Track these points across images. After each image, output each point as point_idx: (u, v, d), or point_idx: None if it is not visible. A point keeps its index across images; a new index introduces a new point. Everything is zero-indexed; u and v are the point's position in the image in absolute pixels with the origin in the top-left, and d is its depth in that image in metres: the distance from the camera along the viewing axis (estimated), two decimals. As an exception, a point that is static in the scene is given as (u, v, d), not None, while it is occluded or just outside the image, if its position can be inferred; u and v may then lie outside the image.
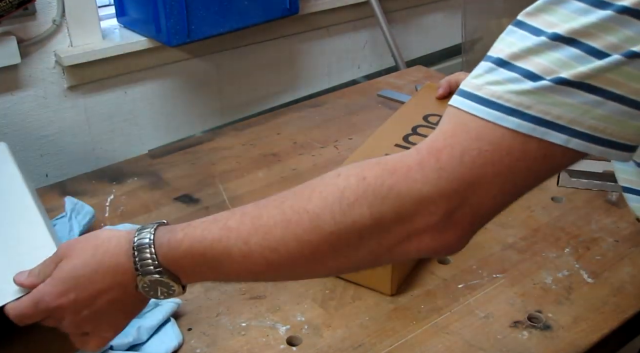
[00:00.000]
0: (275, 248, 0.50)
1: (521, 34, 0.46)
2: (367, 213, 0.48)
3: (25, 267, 0.66)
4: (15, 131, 1.51)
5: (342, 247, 0.49)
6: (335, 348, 0.72)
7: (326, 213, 0.48)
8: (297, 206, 0.50)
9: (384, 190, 0.47)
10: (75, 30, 1.51)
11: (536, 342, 0.73)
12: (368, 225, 0.48)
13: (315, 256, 0.50)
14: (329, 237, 0.49)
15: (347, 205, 0.48)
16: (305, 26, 1.93)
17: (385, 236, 0.49)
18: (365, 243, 0.49)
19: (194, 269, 0.55)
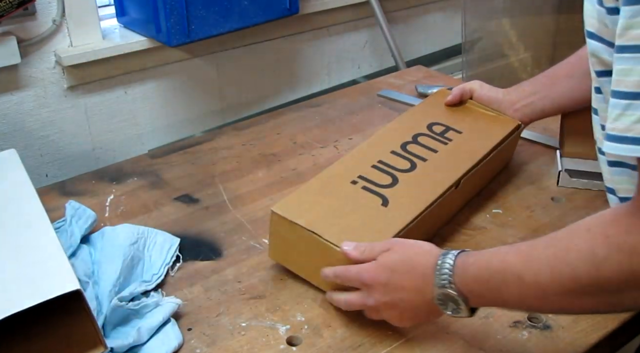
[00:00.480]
0: (544, 289, 0.58)
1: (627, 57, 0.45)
2: (618, 269, 0.53)
3: (35, 275, 0.67)
4: (15, 131, 1.51)
5: (602, 294, 0.55)
6: (335, 348, 0.72)
7: (583, 268, 0.54)
8: (560, 255, 0.57)
9: (628, 249, 0.52)
10: (75, 30, 1.50)
11: (536, 342, 0.73)
12: (623, 279, 0.53)
13: (579, 300, 0.56)
14: (589, 289, 0.55)
15: (600, 262, 0.53)
16: (305, 26, 1.93)
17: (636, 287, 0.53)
18: (624, 293, 0.54)
19: (479, 293, 0.63)
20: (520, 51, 2.28)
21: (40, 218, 0.79)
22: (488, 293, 0.63)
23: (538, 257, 0.59)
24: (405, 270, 0.68)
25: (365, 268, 0.70)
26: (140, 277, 0.81)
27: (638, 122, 0.45)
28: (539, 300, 0.59)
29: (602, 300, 0.56)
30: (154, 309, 0.76)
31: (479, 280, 0.63)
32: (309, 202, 0.82)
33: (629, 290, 0.53)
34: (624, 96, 0.45)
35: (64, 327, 0.71)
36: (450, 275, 0.64)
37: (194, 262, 0.87)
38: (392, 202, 0.83)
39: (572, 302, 0.57)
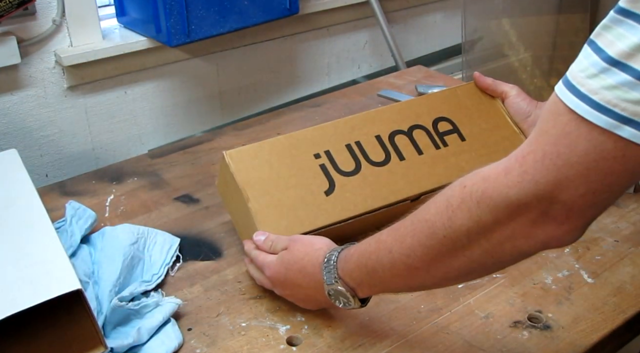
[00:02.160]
0: (408, 254, 0.59)
1: (630, 24, 0.44)
2: (468, 216, 0.54)
3: (36, 276, 0.68)
4: (15, 131, 1.51)
5: (457, 248, 0.56)
6: (335, 348, 0.72)
7: (438, 220, 0.56)
8: (421, 216, 0.58)
9: (479, 195, 0.53)
10: (75, 30, 1.51)
11: (536, 342, 0.73)
12: (472, 226, 0.54)
13: (438, 258, 0.57)
14: (444, 240, 0.56)
15: (452, 212, 0.55)
16: (305, 26, 1.93)
17: (490, 235, 0.54)
18: (474, 243, 0.55)
19: (362, 280, 0.65)
20: (520, 51, 2.28)
21: (41, 218, 0.79)
22: (368, 277, 0.64)
23: (404, 225, 0.60)
24: (297, 269, 0.71)
25: (267, 263, 0.75)
26: (140, 277, 0.81)
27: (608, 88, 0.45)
28: (408, 271, 0.60)
29: (459, 257, 0.56)
30: (154, 309, 0.76)
31: (360, 266, 0.64)
32: (261, 159, 0.82)
33: (478, 240, 0.54)
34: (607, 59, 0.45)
35: (64, 327, 0.71)
36: (335, 269, 0.66)
37: (194, 262, 0.87)
38: (336, 193, 0.80)
39: (430, 264, 0.58)
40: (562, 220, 0.51)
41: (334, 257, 0.67)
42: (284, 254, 0.74)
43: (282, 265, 0.73)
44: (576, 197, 0.49)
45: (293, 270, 0.72)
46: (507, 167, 0.52)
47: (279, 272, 0.74)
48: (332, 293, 0.68)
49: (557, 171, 0.48)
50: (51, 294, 0.64)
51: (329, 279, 0.67)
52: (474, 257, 0.56)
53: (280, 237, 0.76)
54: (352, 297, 0.66)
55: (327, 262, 0.68)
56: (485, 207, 0.52)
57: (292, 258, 0.72)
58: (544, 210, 0.50)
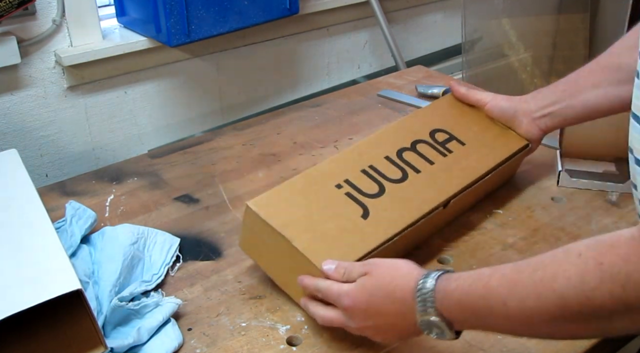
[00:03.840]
0: (530, 315, 0.55)
1: None
2: (609, 299, 0.50)
3: (36, 275, 0.68)
4: (15, 131, 1.51)
5: (592, 321, 0.52)
6: (335, 348, 0.72)
7: (572, 296, 0.52)
8: (546, 282, 0.54)
9: (622, 279, 0.49)
10: (75, 30, 1.50)
11: (536, 342, 0.73)
12: (615, 308, 0.50)
13: (568, 327, 0.54)
14: (578, 316, 0.52)
15: (590, 290, 0.50)
16: (305, 26, 1.93)
17: (636, 317, 0.50)
18: (616, 320, 0.51)
19: (463, 318, 0.61)
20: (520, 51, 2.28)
21: (41, 218, 0.79)
22: (473, 319, 0.61)
23: (523, 283, 0.56)
24: (383, 294, 0.66)
25: (346, 291, 0.68)
26: (140, 277, 0.81)
27: None
28: (526, 326, 0.57)
29: (592, 326, 0.53)
30: (154, 309, 0.76)
31: (462, 306, 0.60)
32: (288, 201, 0.79)
33: (620, 316, 0.51)
34: None
35: (64, 327, 0.71)
36: (432, 301, 0.62)
37: (194, 262, 0.87)
38: (372, 215, 0.80)
39: (560, 328, 0.55)
40: None
41: (430, 286, 0.62)
42: (365, 280, 0.68)
43: (365, 291, 0.67)
44: None
45: (378, 296, 0.66)
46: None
47: (360, 299, 0.67)
48: (424, 323, 0.63)
49: None
50: (51, 294, 0.64)
51: (422, 308, 0.62)
52: (614, 327, 0.53)
53: (355, 264, 0.71)
54: (448, 329, 0.62)
55: (420, 289, 0.62)
56: (632, 291, 0.49)
57: (377, 283, 0.67)
58: None
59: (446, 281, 0.62)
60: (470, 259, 0.86)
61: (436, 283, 0.62)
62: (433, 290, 0.62)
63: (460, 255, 0.87)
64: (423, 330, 0.64)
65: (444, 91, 1.32)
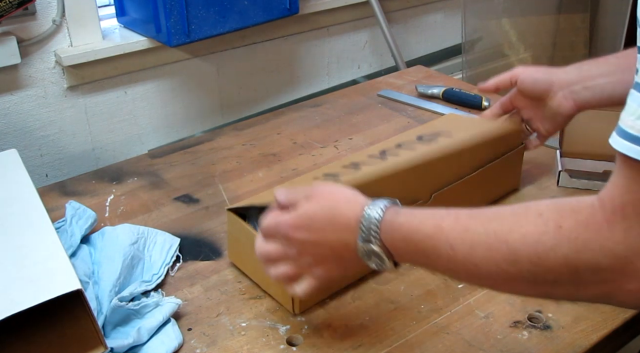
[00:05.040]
0: (476, 264, 0.54)
1: None
2: (563, 263, 0.49)
3: (36, 275, 0.67)
4: (15, 131, 1.51)
5: (539, 283, 0.52)
6: (335, 348, 0.72)
7: (524, 253, 0.51)
8: (500, 234, 0.52)
9: (579, 245, 0.48)
10: (75, 30, 1.51)
11: (536, 342, 0.73)
12: (564, 273, 0.49)
13: (511, 283, 0.53)
14: (526, 274, 0.51)
15: (544, 251, 0.50)
16: (305, 26, 1.93)
17: (583, 287, 0.50)
18: (560, 287, 0.51)
19: (406, 253, 0.60)
20: (520, 51, 2.28)
21: (41, 218, 0.79)
22: (416, 256, 0.59)
23: (476, 230, 0.54)
24: (326, 221, 0.62)
25: (285, 219, 0.64)
26: (140, 277, 0.81)
27: None
28: (469, 274, 0.55)
29: (535, 287, 0.52)
30: (154, 309, 0.76)
31: (408, 242, 0.58)
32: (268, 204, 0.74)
33: (566, 284, 0.50)
34: None
35: (64, 327, 0.71)
36: (377, 232, 0.59)
37: (194, 262, 0.87)
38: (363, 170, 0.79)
39: (503, 282, 0.54)
40: None
41: (376, 215, 0.60)
42: (307, 205, 0.64)
43: (306, 217, 0.63)
44: None
45: (320, 222, 0.62)
46: (608, 219, 0.47)
47: (299, 226, 0.63)
48: (365, 252, 0.61)
49: None
50: (51, 294, 0.64)
51: (365, 237, 0.60)
52: (553, 294, 0.53)
53: (299, 189, 0.66)
54: (387, 259, 0.60)
55: (365, 217, 0.60)
56: (585, 259, 0.48)
57: (319, 208, 0.63)
58: None
59: (394, 214, 0.60)
60: (470, 259, 0.86)
61: (383, 214, 0.60)
62: (379, 221, 0.60)
63: (460, 255, 0.87)
64: (363, 259, 0.62)
65: (444, 91, 1.32)
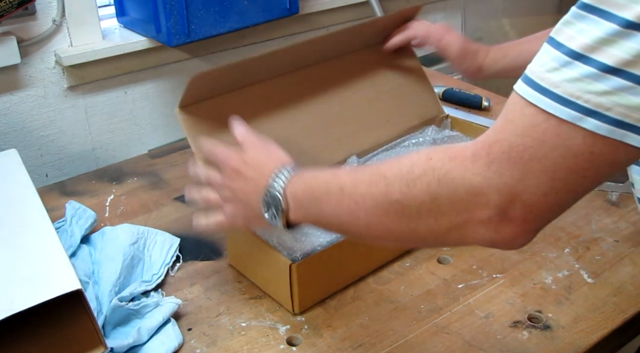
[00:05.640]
0: (357, 201, 0.57)
1: (593, 19, 0.44)
2: (426, 190, 0.51)
3: (36, 276, 0.68)
4: (15, 131, 1.51)
5: (405, 216, 0.54)
6: (335, 348, 0.72)
7: (396, 182, 0.54)
8: (382, 171, 0.56)
9: (442, 173, 0.51)
10: (75, 30, 1.50)
11: (536, 342, 0.73)
12: (426, 202, 0.52)
13: (383, 218, 0.55)
14: (395, 204, 0.54)
15: (412, 179, 0.53)
16: (305, 26, 1.93)
17: (441, 218, 0.52)
18: (423, 219, 0.53)
19: (302, 201, 0.62)
20: (520, 51, 2.27)
21: (41, 218, 0.79)
22: (308, 202, 0.62)
23: (363, 171, 0.58)
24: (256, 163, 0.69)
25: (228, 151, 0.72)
26: (140, 277, 0.81)
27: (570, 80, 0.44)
28: (351, 213, 0.58)
29: (401, 221, 0.54)
30: (154, 309, 0.76)
31: (307, 187, 0.62)
32: None
33: (426, 216, 0.52)
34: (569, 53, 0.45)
35: (64, 327, 0.71)
36: (286, 177, 0.64)
37: (194, 262, 0.87)
38: None
39: (377, 219, 0.56)
40: (518, 222, 0.49)
41: (289, 169, 0.65)
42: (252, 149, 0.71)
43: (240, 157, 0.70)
44: (538, 196, 0.48)
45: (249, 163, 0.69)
46: (474, 153, 0.50)
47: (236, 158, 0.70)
48: (267, 197, 0.65)
49: (523, 165, 0.47)
50: (51, 294, 0.64)
51: (273, 178, 0.64)
52: (417, 230, 0.54)
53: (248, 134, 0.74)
54: (282, 212, 0.63)
55: (282, 168, 0.65)
56: (445, 187, 0.50)
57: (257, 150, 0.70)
58: (502, 208, 0.49)
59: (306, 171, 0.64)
60: (470, 259, 0.86)
61: (297, 169, 0.65)
62: (291, 172, 0.65)
63: (460, 255, 0.87)
64: (262, 205, 0.65)
65: (444, 91, 1.32)
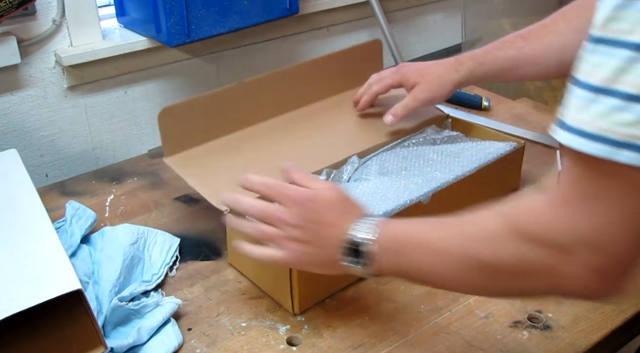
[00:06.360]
0: (444, 260, 0.58)
1: (604, 51, 0.45)
2: (510, 254, 0.53)
3: (36, 276, 0.68)
4: (15, 131, 1.51)
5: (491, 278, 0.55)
6: (335, 348, 0.72)
7: (478, 244, 0.55)
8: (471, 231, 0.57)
9: (531, 239, 0.51)
10: (75, 30, 1.51)
11: (536, 342, 0.73)
12: (510, 265, 0.53)
13: (471, 279, 0.57)
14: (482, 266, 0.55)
15: (494, 242, 0.54)
16: (305, 26, 1.93)
17: (529, 278, 0.53)
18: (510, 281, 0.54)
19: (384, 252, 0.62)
20: (520, 51, 2.27)
21: (41, 218, 0.79)
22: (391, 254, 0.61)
23: (446, 226, 0.59)
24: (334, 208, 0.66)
25: (301, 190, 0.68)
26: (140, 277, 0.81)
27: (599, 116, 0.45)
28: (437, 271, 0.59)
29: (490, 284, 0.56)
30: (154, 309, 0.76)
31: (390, 238, 0.62)
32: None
33: (513, 278, 0.54)
34: (591, 89, 0.45)
35: (64, 327, 0.71)
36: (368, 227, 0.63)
37: (194, 262, 0.87)
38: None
39: (465, 279, 0.57)
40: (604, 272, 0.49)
41: (372, 218, 0.64)
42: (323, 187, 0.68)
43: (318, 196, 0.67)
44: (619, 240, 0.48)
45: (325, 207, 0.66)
46: (553, 207, 0.50)
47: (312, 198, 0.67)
48: (348, 244, 0.63)
49: (594, 212, 0.48)
50: (51, 294, 0.64)
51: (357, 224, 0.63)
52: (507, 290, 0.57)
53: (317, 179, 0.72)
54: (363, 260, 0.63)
55: (364, 216, 0.64)
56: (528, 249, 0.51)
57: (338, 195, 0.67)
58: (587, 261, 0.49)
59: (389, 219, 0.64)
60: (470, 259, 0.86)
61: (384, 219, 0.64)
62: (374, 219, 0.64)
63: (460, 255, 0.87)
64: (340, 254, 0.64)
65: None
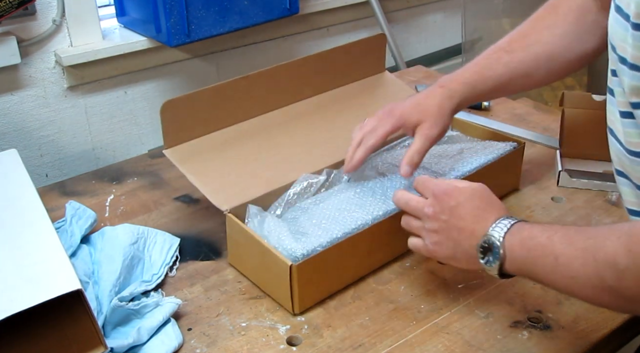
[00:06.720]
0: (573, 276, 0.61)
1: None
2: (636, 285, 0.55)
3: (37, 276, 0.68)
4: (15, 131, 1.51)
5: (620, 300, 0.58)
6: (335, 348, 0.72)
7: (607, 271, 0.57)
8: (592, 251, 0.59)
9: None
10: (75, 30, 1.51)
11: (536, 342, 0.73)
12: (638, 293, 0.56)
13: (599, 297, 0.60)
14: (610, 289, 0.58)
15: (621, 271, 0.56)
16: (305, 26, 1.93)
17: None
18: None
19: (518, 257, 0.66)
20: (520, 51, 2.27)
21: (41, 218, 0.79)
22: (523, 260, 0.65)
23: (577, 246, 0.61)
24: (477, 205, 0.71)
25: (443, 182, 0.74)
26: (140, 277, 0.81)
27: None
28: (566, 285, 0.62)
29: (621, 303, 0.59)
30: (154, 309, 0.76)
31: (524, 245, 0.65)
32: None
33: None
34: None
35: (64, 327, 0.71)
36: (506, 229, 0.67)
37: (194, 262, 0.87)
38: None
39: (594, 296, 0.60)
40: None
41: (510, 220, 0.68)
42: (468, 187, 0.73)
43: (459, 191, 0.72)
44: None
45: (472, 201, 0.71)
46: None
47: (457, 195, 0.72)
48: (485, 243, 0.68)
49: None
50: (51, 294, 0.64)
51: (492, 230, 0.67)
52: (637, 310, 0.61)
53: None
54: (499, 261, 0.67)
55: (503, 218, 0.68)
56: None
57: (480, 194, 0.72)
58: None
59: (524, 222, 0.68)
60: (470, 259, 0.86)
61: (516, 221, 0.68)
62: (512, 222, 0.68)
63: (460, 255, 0.87)
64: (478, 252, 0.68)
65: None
